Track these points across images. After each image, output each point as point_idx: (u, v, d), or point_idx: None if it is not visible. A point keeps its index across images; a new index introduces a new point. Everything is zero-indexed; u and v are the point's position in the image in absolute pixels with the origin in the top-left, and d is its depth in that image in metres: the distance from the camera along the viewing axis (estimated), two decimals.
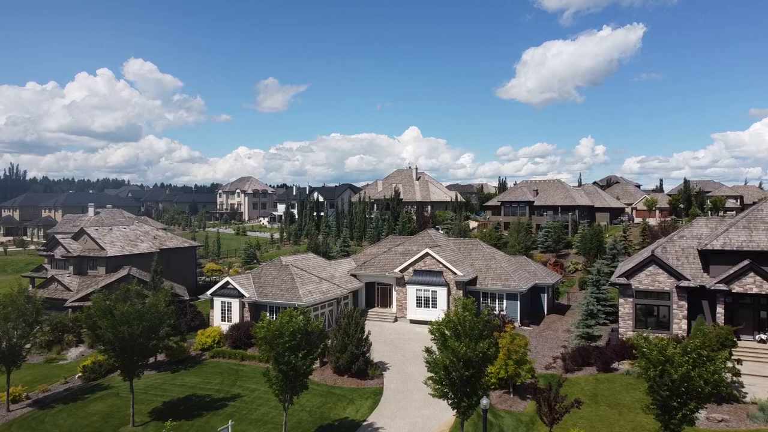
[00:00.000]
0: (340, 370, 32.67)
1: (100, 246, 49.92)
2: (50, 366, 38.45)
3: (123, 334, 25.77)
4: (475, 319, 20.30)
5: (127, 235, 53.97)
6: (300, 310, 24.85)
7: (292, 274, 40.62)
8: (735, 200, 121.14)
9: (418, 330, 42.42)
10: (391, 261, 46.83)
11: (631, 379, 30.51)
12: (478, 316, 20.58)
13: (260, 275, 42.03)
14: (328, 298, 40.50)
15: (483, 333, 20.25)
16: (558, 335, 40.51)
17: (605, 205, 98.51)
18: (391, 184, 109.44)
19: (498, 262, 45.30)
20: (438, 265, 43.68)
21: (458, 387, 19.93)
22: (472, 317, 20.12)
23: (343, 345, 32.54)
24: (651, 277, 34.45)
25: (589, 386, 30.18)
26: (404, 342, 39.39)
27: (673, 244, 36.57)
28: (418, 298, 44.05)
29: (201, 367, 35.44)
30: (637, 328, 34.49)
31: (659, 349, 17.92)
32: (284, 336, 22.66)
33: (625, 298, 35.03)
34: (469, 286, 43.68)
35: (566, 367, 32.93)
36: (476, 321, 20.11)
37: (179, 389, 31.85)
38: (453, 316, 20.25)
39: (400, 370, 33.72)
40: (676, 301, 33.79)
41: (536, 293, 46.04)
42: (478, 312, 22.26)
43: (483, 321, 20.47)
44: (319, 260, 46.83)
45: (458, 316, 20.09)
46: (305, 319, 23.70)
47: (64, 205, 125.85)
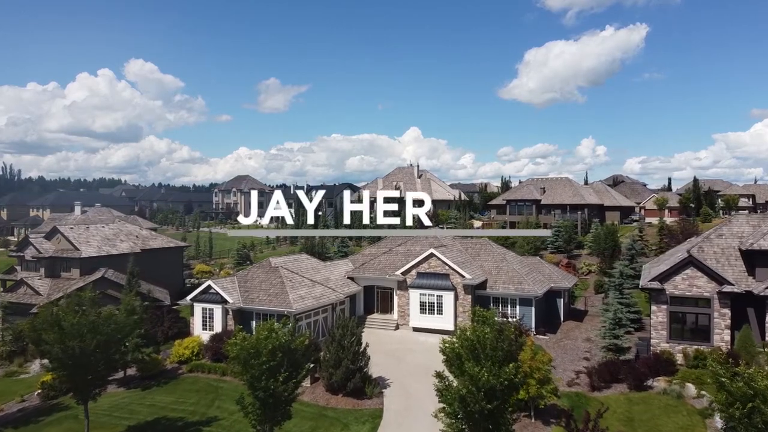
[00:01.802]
0: (334, 388, 28.49)
1: (74, 246, 45.77)
2: (10, 380, 34.30)
3: (72, 350, 21.61)
4: (499, 335, 16.10)
5: (106, 234, 49.81)
6: (283, 322, 20.68)
7: (282, 277, 36.45)
8: (747, 199, 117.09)
9: (422, 339, 38.25)
10: (392, 262, 42.67)
11: (670, 400, 26.33)
12: (502, 332, 16.36)
13: (246, 278, 37.85)
14: (321, 303, 36.34)
15: (509, 353, 16.06)
16: (578, 345, 36.33)
17: (615, 203, 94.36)
18: (391, 182, 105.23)
19: (510, 264, 41.11)
20: (444, 266, 39.50)
21: (478, 423, 15.73)
22: (494, 334, 15.92)
23: (337, 359, 28.36)
24: (688, 281, 30.26)
25: (622, 408, 25.99)
26: (407, 353, 35.22)
27: (710, 244, 32.38)
28: (422, 304, 39.86)
29: (176, 383, 31.25)
30: (672, 339, 30.32)
31: (746, 380, 13.70)
32: (261, 355, 18.51)
33: (658, 304, 30.82)
34: (478, 290, 39.50)
35: (592, 384, 28.77)
36: (500, 338, 15.91)
37: (148, 410, 27.67)
38: (471, 332, 16.04)
39: (402, 386, 29.55)
40: (718, 308, 29.60)
41: (551, 298, 41.83)
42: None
43: (509, 338, 16.26)
44: (313, 261, 42.67)
45: (477, 332, 15.90)
46: (288, 334, 19.54)
47: (53, 204, 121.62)
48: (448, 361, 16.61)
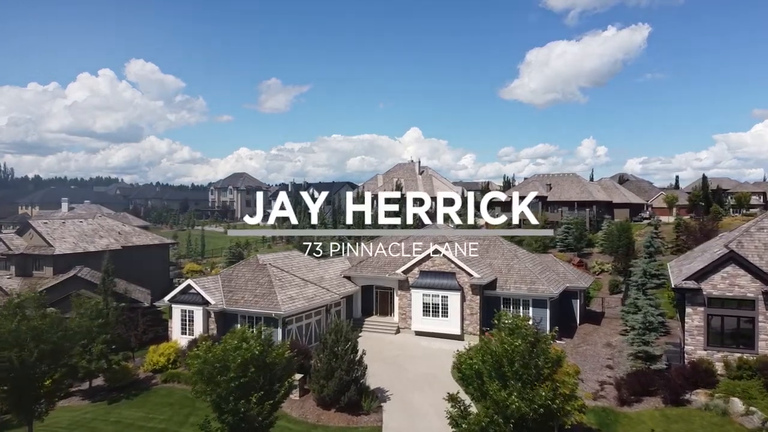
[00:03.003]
0: (326, 403, 24.88)
1: (47, 242, 42.17)
2: None
3: (9, 361, 18.01)
4: (532, 347, 12.49)
5: (84, 229, 46.20)
6: (258, 329, 17.08)
7: (270, 275, 32.83)
8: (758, 197, 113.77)
9: (425, 344, 34.69)
10: (393, 260, 39.06)
11: (714, 417, 22.75)
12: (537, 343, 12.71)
13: (231, 277, 34.22)
14: (314, 305, 32.74)
15: (543, 371, 12.45)
16: (598, 351, 32.77)
17: (624, 200, 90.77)
18: (392, 178, 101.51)
19: (521, 262, 37.49)
20: (449, 264, 35.87)
21: None
22: (526, 346, 12.31)
23: (329, 369, 24.74)
24: (728, 280, 26.62)
25: (659, 427, 22.42)
26: (408, 360, 31.62)
27: (751, 238, 28.74)
28: (426, 305, 36.23)
29: (148, 395, 27.62)
30: (710, 346, 26.68)
31: None
32: (229, 370, 14.92)
33: (693, 306, 27.16)
34: (487, 290, 35.90)
35: (621, 397, 25.22)
36: (533, 351, 12.30)
37: (112, 428, 24.01)
38: (497, 344, 12.42)
39: (404, 399, 25.94)
40: (763, 311, 25.96)
41: (566, 299, 38.21)
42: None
43: (543, 353, 12.63)
44: (306, 259, 39.09)
45: (505, 344, 12.28)
46: (264, 343, 15.94)
47: (42, 201, 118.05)
48: (465, 380, 12.99)
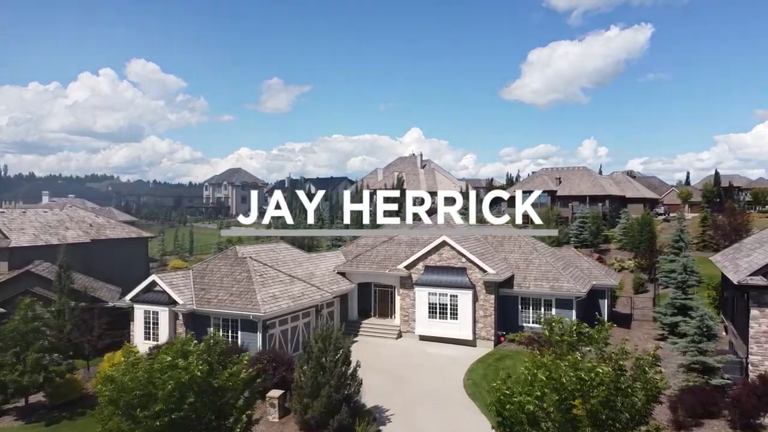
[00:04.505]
0: (311, 426, 19.97)
1: (2, 234, 37.29)
2: None
3: None
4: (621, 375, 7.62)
5: (47, 220, 41.31)
6: (205, 341, 12.20)
7: (250, 270, 27.96)
8: None
9: (432, 351, 29.82)
10: (394, 254, 34.21)
11: None
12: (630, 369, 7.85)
13: (204, 272, 29.34)
14: (301, 305, 27.87)
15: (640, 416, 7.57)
16: None
17: (638, 195, 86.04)
18: (392, 172, 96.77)
19: (542, 256, 32.63)
20: (459, 258, 31.00)
21: None
22: (614, 375, 7.43)
23: (314, 385, 19.84)
24: None
25: None
26: (412, 371, 26.71)
27: None
28: (432, 305, 31.37)
29: (95, 414, 22.73)
30: None
31: None
32: (157, 401, 10.05)
33: (761, 308, 22.30)
34: (503, 288, 31.05)
35: (677, 420, 20.32)
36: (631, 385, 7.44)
37: None
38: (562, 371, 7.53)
39: (407, 421, 21.05)
40: None
41: (593, 299, 33.33)
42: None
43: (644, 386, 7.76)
44: (294, 252, 34.20)
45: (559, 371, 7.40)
46: (213, 360, 11.07)
47: (25, 196, 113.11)
48: (507, 425, 8.10)
